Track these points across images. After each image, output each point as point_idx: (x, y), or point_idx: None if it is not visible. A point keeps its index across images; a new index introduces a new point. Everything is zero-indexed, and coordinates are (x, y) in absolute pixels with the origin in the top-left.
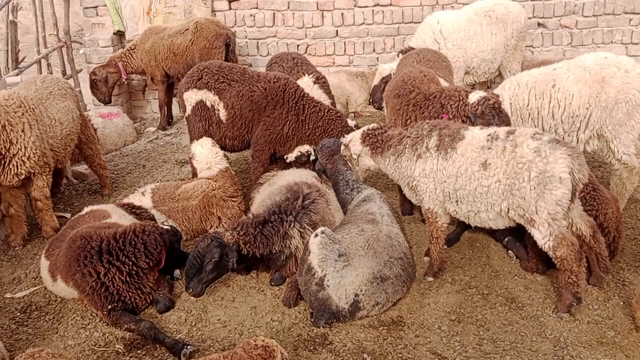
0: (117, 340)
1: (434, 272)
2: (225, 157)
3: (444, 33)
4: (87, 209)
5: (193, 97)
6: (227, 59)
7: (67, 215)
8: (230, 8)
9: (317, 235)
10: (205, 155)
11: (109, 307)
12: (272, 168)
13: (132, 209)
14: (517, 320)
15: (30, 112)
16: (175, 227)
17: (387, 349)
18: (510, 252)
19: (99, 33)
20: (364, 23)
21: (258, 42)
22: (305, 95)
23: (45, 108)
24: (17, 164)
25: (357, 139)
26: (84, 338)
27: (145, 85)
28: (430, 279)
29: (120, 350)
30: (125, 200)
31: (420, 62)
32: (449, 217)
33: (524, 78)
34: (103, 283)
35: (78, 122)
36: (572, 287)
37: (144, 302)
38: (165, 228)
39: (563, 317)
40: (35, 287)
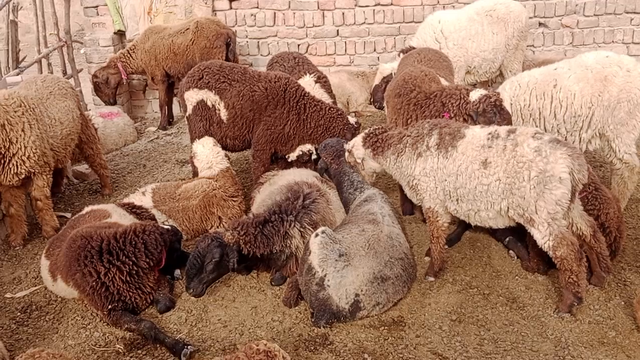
0: (117, 340)
1: (435, 272)
2: (226, 156)
3: (445, 32)
4: (87, 209)
5: (194, 96)
6: (227, 59)
7: (67, 215)
8: (231, 7)
9: (317, 235)
10: (207, 155)
11: (109, 307)
12: (272, 168)
13: (132, 209)
14: (518, 320)
15: (30, 111)
16: (176, 226)
17: (387, 349)
18: (511, 252)
19: (100, 33)
20: (365, 22)
21: (259, 41)
22: (306, 95)
23: (46, 108)
24: (17, 164)
25: (358, 143)
26: (84, 338)
27: (146, 85)
28: (431, 279)
29: (121, 350)
30: (126, 200)
31: (421, 61)
32: (450, 216)
33: (525, 78)
34: (103, 283)
35: (78, 121)
36: (572, 286)
37: (145, 302)
38: (166, 228)
39: (564, 317)
40: (36, 286)
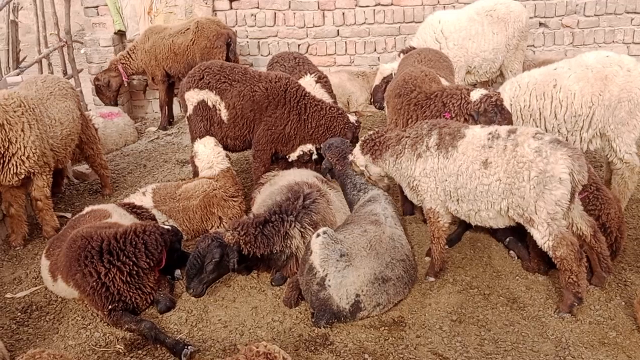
0: (117, 341)
1: (436, 272)
2: (227, 157)
3: (445, 32)
4: (87, 209)
5: (194, 97)
6: (228, 59)
7: (67, 215)
8: (231, 7)
9: (319, 236)
10: (208, 155)
11: (110, 307)
12: (273, 168)
13: (133, 209)
14: (518, 321)
15: (30, 111)
16: (176, 227)
17: (388, 350)
18: (512, 252)
19: (100, 33)
20: (365, 22)
21: (259, 41)
22: (307, 95)
23: (46, 108)
24: (16, 164)
25: (357, 152)
26: (85, 338)
27: (146, 85)
28: (432, 279)
29: (121, 351)
30: (126, 200)
31: (422, 61)
32: (451, 216)
33: (525, 79)
34: (104, 283)
35: (79, 122)
36: (572, 287)
37: (145, 302)
38: (166, 228)
39: (565, 317)
40: (36, 287)
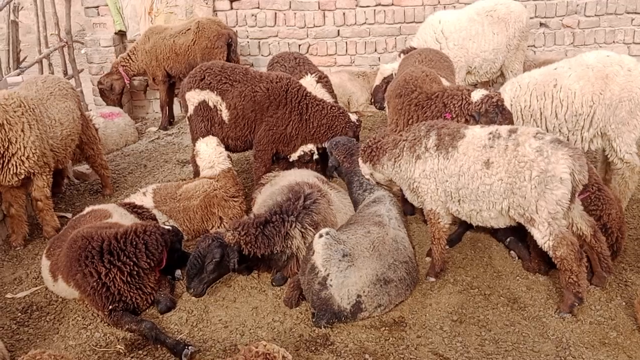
0: (118, 341)
1: (436, 272)
2: (229, 157)
3: (446, 33)
4: (88, 209)
5: (195, 97)
6: (228, 59)
7: (68, 215)
8: (232, 8)
9: (321, 236)
10: (209, 154)
11: (110, 307)
12: (274, 168)
13: (133, 209)
14: (519, 321)
15: (30, 112)
16: (177, 227)
17: (388, 350)
18: (513, 252)
19: (101, 33)
20: (366, 23)
21: (259, 42)
22: (308, 95)
23: (46, 108)
24: (16, 164)
25: (360, 162)
26: (85, 338)
27: (147, 85)
28: (432, 280)
29: (122, 351)
30: (127, 200)
31: (422, 62)
32: (451, 217)
33: (525, 79)
34: (104, 283)
35: (79, 122)
36: (572, 287)
37: (145, 302)
38: (167, 228)
39: (565, 317)
40: (36, 287)
